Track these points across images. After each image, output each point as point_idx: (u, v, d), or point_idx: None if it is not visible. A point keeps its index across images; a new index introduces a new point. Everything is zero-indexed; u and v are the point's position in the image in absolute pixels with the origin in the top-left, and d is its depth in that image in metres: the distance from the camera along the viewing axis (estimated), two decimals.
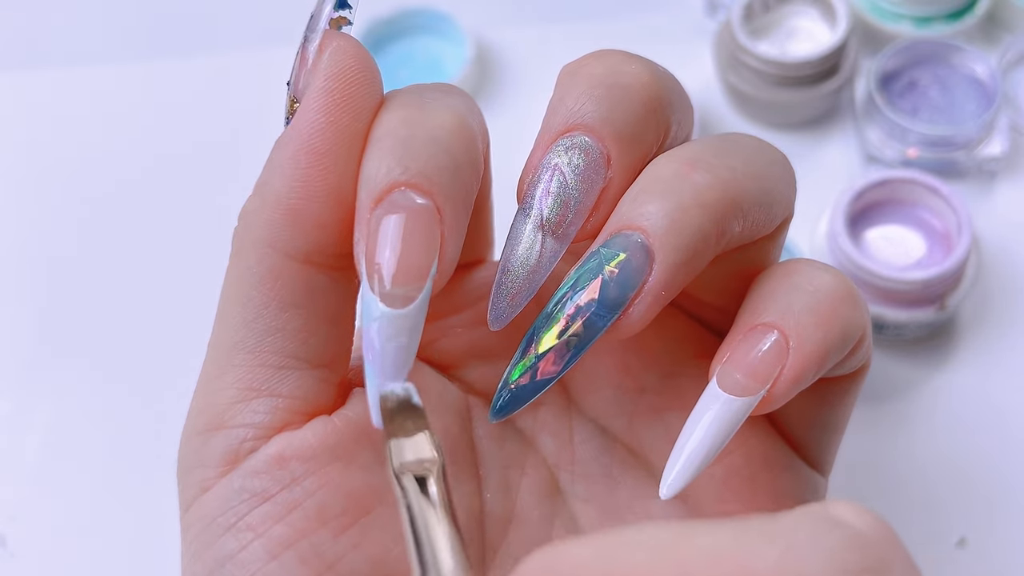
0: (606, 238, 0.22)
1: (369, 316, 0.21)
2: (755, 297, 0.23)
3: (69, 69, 0.54)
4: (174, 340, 0.45)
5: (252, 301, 0.22)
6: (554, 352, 0.22)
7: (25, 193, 0.50)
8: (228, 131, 0.50)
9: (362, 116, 0.22)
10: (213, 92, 0.52)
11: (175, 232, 0.48)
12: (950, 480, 0.40)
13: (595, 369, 0.27)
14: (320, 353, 0.23)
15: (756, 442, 0.25)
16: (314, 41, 0.22)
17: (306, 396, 0.23)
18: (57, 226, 0.49)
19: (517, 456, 0.26)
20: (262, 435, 0.23)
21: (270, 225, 0.22)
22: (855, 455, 0.40)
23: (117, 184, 0.50)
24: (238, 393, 0.23)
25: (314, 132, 0.21)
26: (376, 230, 0.21)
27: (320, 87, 0.21)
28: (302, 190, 0.22)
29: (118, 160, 0.51)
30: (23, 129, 0.52)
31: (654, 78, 0.23)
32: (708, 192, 0.22)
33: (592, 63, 0.23)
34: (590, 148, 0.23)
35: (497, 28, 0.52)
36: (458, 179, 0.22)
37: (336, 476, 0.23)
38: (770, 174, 0.24)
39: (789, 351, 0.22)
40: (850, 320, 0.23)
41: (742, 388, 0.22)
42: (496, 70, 0.52)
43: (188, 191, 0.49)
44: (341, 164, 0.22)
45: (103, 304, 0.47)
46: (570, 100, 0.23)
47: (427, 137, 0.22)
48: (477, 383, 0.27)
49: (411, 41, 0.52)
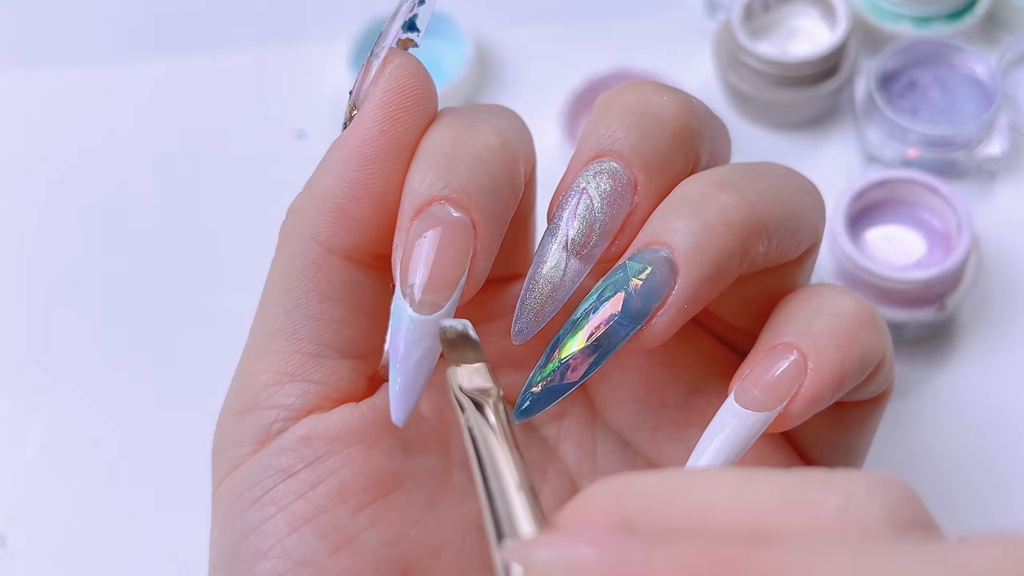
0: (633, 252, 0.23)
1: (398, 318, 0.22)
2: (777, 318, 0.24)
3: (69, 69, 0.54)
4: (174, 340, 0.45)
5: (293, 291, 0.24)
6: (577, 358, 0.23)
7: (25, 193, 0.50)
8: (228, 131, 0.50)
9: (413, 129, 0.23)
10: (213, 92, 0.52)
11: (176, 232, 0.48)
12: (950, 480, 0.40)
13: (620, 383, 0.27)
14: (354, 345, 0.24)
15: (774, 461, 0.26)
16: (379, 56, 0.24)
17: (338, 384, 0.24)
18: (57, 226, 0.49)
19: (539, 462, 0.27)
20: (293, 416, 0.24)
21: (317, 221, 0.23)
22: None
23: (117, 184, 0.50)
24: (273, 377, 0.24)
25: (367, 139, 0.23)
26: (413, 239, 0.22)
27: (379, 99, 0.23)
28: (350, 191, 0.23)
29: (118, 160, 0.51)
30: (23, 129, 0.52)
31: (685, 108, 0.24)
32: (734, 212, 0.23)
33: (627, 92, 0.24)
34: (618, 174, 0.24)
35: (497, 28, 0.52)
36: (496, 198, 0.23)
37: (358, 457, 0.24)
38: (797, 200, 0.25)
39: (807, 371, 0.23)
40: (870, 345, 0.24)
41: (759, 404, 0.23)
42: (496, 70, 0.52)
43: (188, 191, 0.49)
44: (388, 171, 0.23)
45: (103, 304, 0.47)
46: (602, 127, 0.24)
47: (470, 156, 0.23)
48: (506, 389, 0.28)
49: None
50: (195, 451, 0.37)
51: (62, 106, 0.53)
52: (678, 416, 0.27)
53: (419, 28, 0.24)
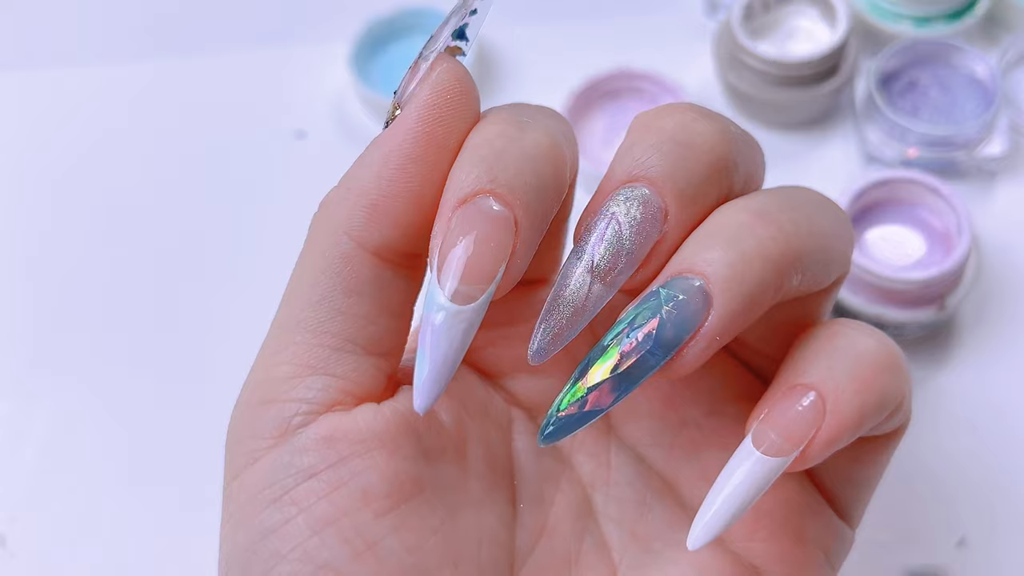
0: (667, 278, 0.23)
1: (431, 307, 0.22)
2: (798, 356, 0.24)
3: (69, 69, 0.54)
4: (174, 340, 0.45)
5: (320, 284, 0.24)
6: (604, 386, 0.23)
7: (25, 193, 0.50)
8: (228, 131, 0.50)
9: (454, 133, 0.23)
10: (213, 92, 0.52)
11: (176, 232, 0.48)
12: (950, 480, 0.40)
13: (639, 398, 0.27)
14: (377, 342, 0.24)
15: (789, 488, 0.26)
16: (428, 59, 0.24)
17: (359, 380, 0.24)
18: (57, 226, 0.49)
19: (553, 472, 0.27)
20: (313, 410, 0.23)
21: (351, 215, 0.23)
22: None
23: (117, 184, 0.50)
24: (294, 369, 0.24)
25: (408, 138, 0.23)
26: (454, 229, 0.22)
27: (423, 99, 0.23)
28: (387, 188, 0.23)
29: (118, 160, 0.51)
30: (23, 129, 0.52)
31: (723, 139, 0.24)
32: (772, 245, 0.23)
33: (665, 117, 0.24)
34: (649, 201, 0.23)
35: (497, 28, 0.52)
36: (541, 197, 0.23)
37: (381, 461, 0.23)
38: (832, 231, 0.25)
39: (826, 414, 0.23)
40: (890, 387, 0.23)
41: (777, 448, 0.23)
42: (496, 70, 0.52)
43: (188, 191, 0.49)
44: (426, 172, 0.23)
45: (103, 304, 0.47)
46: (638, 151, 0.23)
47: (519, 153, 0.23)
48: (522, 395, 0.27)
49: (411, 41, 0.52)
50: (195, 451, 0.37)
51: (62, 106, 0.53)
52: (695, 436, 0.27)
53: (468, 37, 0.24)
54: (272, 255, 0.33)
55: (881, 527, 0.39)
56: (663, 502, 0.27)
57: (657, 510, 0.27)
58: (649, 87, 0.48)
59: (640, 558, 0.26)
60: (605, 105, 0.49)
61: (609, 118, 0.48)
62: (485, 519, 0.25)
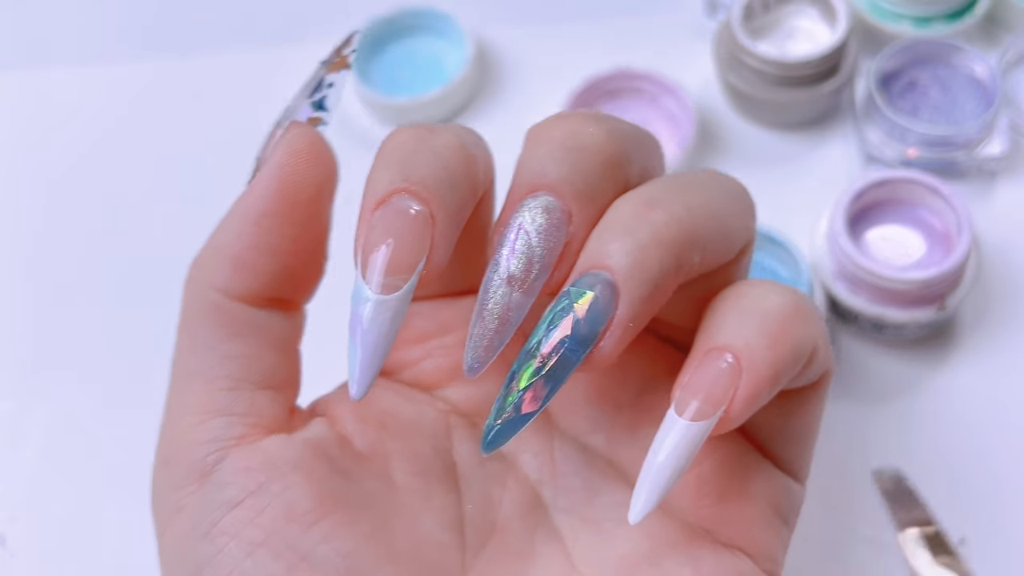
0: (575, 277, 0.24)
1: (358, 301, 0.24)
2: (709, 322, 0.25)
3: (68, 69, 0.54)
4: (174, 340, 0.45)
5: (199, 335, 0.26)
6: (533, 388, 0.24)
7: (25, 193, 0.50)
8: (228, 131, 0.50)
9: (307, 189, 0.25)
10: (213, 92, 0.52)
11: (175, 232, 0.48)
12: (950, 480, 0.40)
13: (571, 389, 0.28)
14: (268, 377, 0.26)
15: (729, 451, 0.27)
16: (283, 127, 0.26)
17: (260, 413, 0.25)
18: (57, 226, 0.49)
19: (499, 474, 0.28)
20: (223, 447, 0.25)
21: (216, 270, 0.25)
22: (855, 455, 0.40)
23: (117, 184, 0.50)
24: (196, 417, 0.25)
25: (262, 195, 0.25)
26: (375, 228, 0.24)
27: (275, 160, 0.25)
28: (245, 242, 0.25)
29: (118, 160, 0.51)
30: (23, 129, 0.52)
31: (612, 138, 0.25)
32: (665, 230, 0.24)
33: (554, 127, 0.25)
34: (552, 207, 0.25)
35: (497, 28, 0.52)
36: (454, 193, 0.24)
37: (300, 480, 0.24)
38: (727, 206, 0.26)
39: (742, 372, 0.24)
40: (800, 337, 0.24)
41: (698, 413, 0.24)
42: (496, 70, 0.52)
43: (188, 191, 0.49)
44: (281, 225, 0.25)
45: (103, 304, 0.47)
46: (534, 162, 0.25)
47: (430, 152, 0.24)
48: (462, 403, 0.29)
49: (411, 41, 0.52)
50: None
51: (62, 106, 0.53)
52: (631, 416, 0.28)
53: (327, 108, 0.26)
54: None
55: (881, 526, 0.39)
56: (611, 484, 0.27)
57: (606, 492, 0.27)
58: (649, 87, 0.48)
59: (593, 540, 0.26)
60: (605, 105, 0.49)
61: None
62: (424, 525, 0.26)
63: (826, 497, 0.40)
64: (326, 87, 0.26)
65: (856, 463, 0.40)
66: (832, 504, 0.40)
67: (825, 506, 0.39)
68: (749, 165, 0.48)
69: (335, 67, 0.27)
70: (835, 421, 0.41)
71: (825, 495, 0.40)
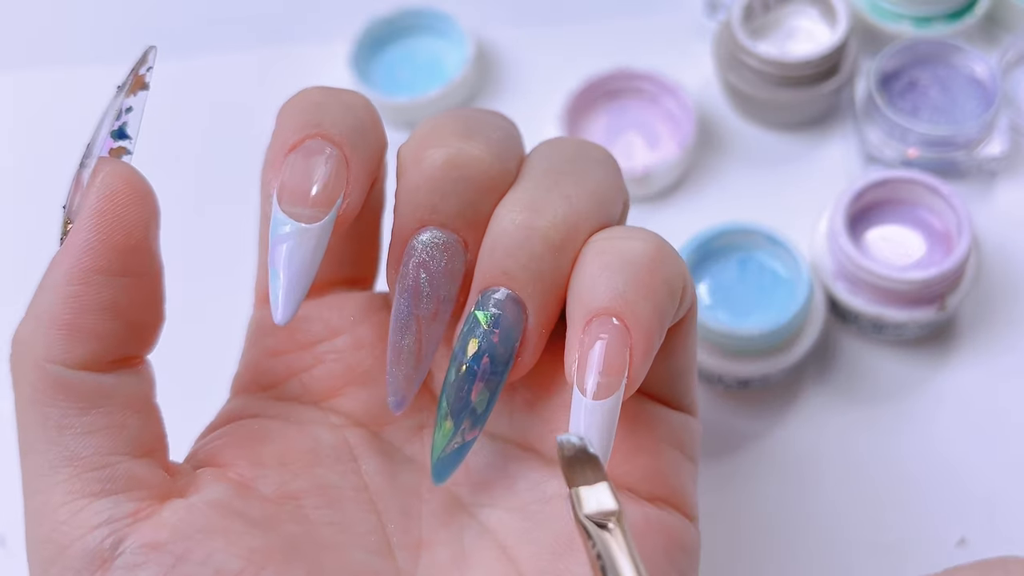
0: (476, 297, 0.25)
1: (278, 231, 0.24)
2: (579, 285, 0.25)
3: (68, 69, 0.54)
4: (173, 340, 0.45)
5: (51, 418, 0.23)
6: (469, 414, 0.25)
7: (24, 193, 0.50)
8: (228, 131, 0.50)
9: (135, 233, 0.23)
10: (213, 92, 0.52)
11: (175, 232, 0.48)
12: (950, 480, 0.40)
13: None
14: (137, 443, 0.24)
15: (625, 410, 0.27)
16: (89, 167, 0.24)
17: (142, 483, 0.23)
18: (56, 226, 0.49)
19: (412, 485, 0.27)
20: (118, 528, 0.22)
21: (48, 343, 0.23)
22: (856, 455, 0.40)
23: None
24: (74, 505, 0.22)
25: (86, 250, 0.23)
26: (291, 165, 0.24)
27: (92, 208, 0.23)
28: (78, 304, 0.23)
29: None
30: (22, 129, 0.52)
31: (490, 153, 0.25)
32: (554, 233, 0.24)
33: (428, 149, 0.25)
34: (448, 242, 0.25)
35: (497, 28, 0.52)
36: (365, 138, 0.25)
37: (220, 544, 0.23)
38: (601, 181, 0.26)
39: (630, 331, 0.24)
40: (671, 276, 0.24)
41: (606, 387, 0.24)
42: (496, 70, 0.52)
43: (188, 191, 0.49)
44: (115, 279, 0.23)
45: None
46: (421, 196, 0.25)
47: (338, 103, 0.25)
48: (358, 411, 0.28)
49: (411, 41, 0.52)
50: None
51: (62, 106, 0.53)
52: (527, 396, 0.27)
53: (130, 135, 0.25)
54: None
55: (881, 527, 0.39)
56: (526, 466, 0.27)
57: (523, 476, 0.27)
58: (649, 87, 0.48)
59: (523, 526, 0.26)
60: (605, 105, 0.49)
61: (609, 118, 0.48)
62: (353, 557, 0.25)
63: (826, 497, 0.40)
64: (125, 113, 0.25)
65: (856, 463, 0.40)
66: (832, 504, 0.40)
67: (825, 506, 0.39)
68: (749, 165, 0.48)
69: (133, 89, 0.25)
70: (835, 421, 0.41)
71: (825, 495, 0.40)
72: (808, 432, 0.41)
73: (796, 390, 0.42)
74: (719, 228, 0.41)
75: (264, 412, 0.27)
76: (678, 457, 0.27)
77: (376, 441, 0.27)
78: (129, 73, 0.26)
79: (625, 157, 0.47)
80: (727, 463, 0.41)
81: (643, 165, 0.46)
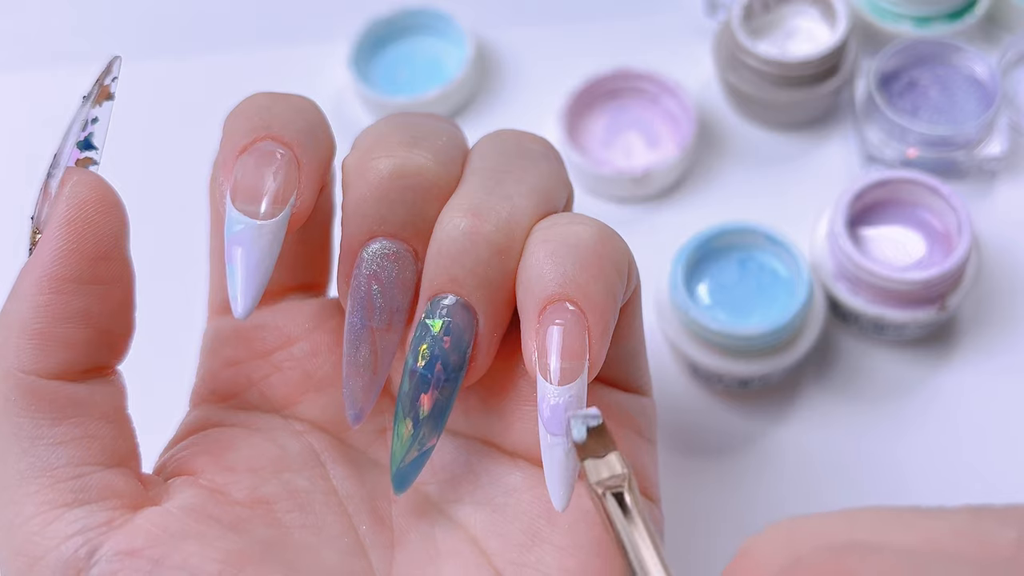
0: (425, 304, 0.25)
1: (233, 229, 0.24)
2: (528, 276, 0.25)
3: (68, 69, 0.54)
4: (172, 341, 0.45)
5: (23, 428, 0.23)
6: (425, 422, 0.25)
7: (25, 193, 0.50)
8: None
9: (105, 241, 0.23)
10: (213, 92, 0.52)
11: (175, 232, 0.48)
12: (950, 480, 0.40)
13: None
14: (110, 452, 0.24)
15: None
16: (56, 176, 0.24)
17: (115, 493, 0.23)
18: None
19: (380, 486, 0.27)
20: (92, 537, 0.22)
21: (18, 351, 0.23)
22: (856, 455, 0.40)
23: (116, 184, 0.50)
24: (47, 516, 0.22)
25: (56, 259, 0.23)
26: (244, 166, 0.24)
27: (61, 217, 0.23)
28: (50, 313, 0.23)
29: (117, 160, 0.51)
30: (22, 129, 0.52)
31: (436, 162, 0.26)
32: (498, 235, 0.25)
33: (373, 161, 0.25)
34: (398, 252, 0.25)
35: (497, 28, 0.52)
36: (315, 139, 0.25)
37: (195, 548, 0.23)
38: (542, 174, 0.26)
39: (585, 314, 0.24)
40: (617, 257, 0.25)
41: (569, 372, 0.24)
42: (496, 70, 0.52)
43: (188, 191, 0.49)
44: (86, 288, 0.23)
45: None
46: (368, 206, 0.25)
47: (288, 106, 0.25)
48: (319, 417, 0.28)
49: (411, 41, 0.52)
50: None
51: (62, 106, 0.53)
52: (479, 391, 0.27)
53: (96, 146, 0.25)
54: None
55: None
56: (489, 460, 0.27)
57: (487, 471, 0.27)
58: (649, 87, 0.48)
59: (492, 519, 0.26)
60: (605, 105, 0.49)
61: (609, 118, 0.48)
62: (328, 559, 0.25)
63: (825, 497, 0.40)
64: (91, 123, 0.25)
65: (856, 463, 0.40)
66: (832, 504, 0.40)
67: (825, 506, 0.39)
68: (749, 165, 0.48)
69: (99, 99, 0.25)
70: (835, 421, 0.41)
71: (824, 495, 0.40)
72: (808, 432, 0.41)
73: (796, 390, 0.42)
74: (719, 228, 0.41)
75: (226, 421, 0.27)
76: (639, 441, 0.27)
77: (340, 445, 0.27)
78: (94, 84, 0.26)
79: (625, 157, 0.47)
80: (727, 463, 0.41)
81: (643, 165, 0.46)
